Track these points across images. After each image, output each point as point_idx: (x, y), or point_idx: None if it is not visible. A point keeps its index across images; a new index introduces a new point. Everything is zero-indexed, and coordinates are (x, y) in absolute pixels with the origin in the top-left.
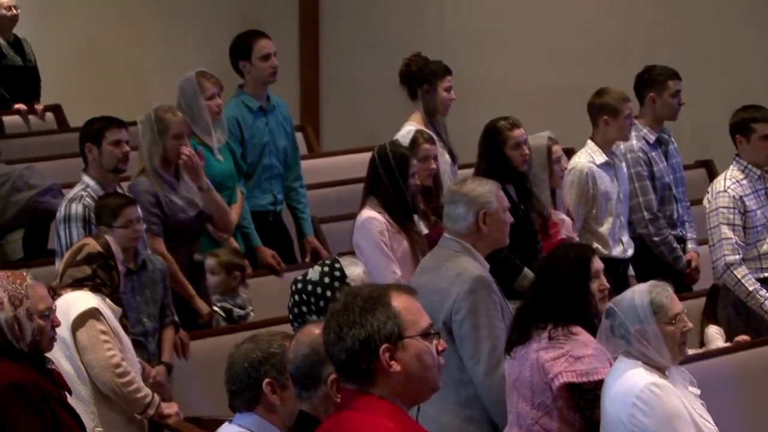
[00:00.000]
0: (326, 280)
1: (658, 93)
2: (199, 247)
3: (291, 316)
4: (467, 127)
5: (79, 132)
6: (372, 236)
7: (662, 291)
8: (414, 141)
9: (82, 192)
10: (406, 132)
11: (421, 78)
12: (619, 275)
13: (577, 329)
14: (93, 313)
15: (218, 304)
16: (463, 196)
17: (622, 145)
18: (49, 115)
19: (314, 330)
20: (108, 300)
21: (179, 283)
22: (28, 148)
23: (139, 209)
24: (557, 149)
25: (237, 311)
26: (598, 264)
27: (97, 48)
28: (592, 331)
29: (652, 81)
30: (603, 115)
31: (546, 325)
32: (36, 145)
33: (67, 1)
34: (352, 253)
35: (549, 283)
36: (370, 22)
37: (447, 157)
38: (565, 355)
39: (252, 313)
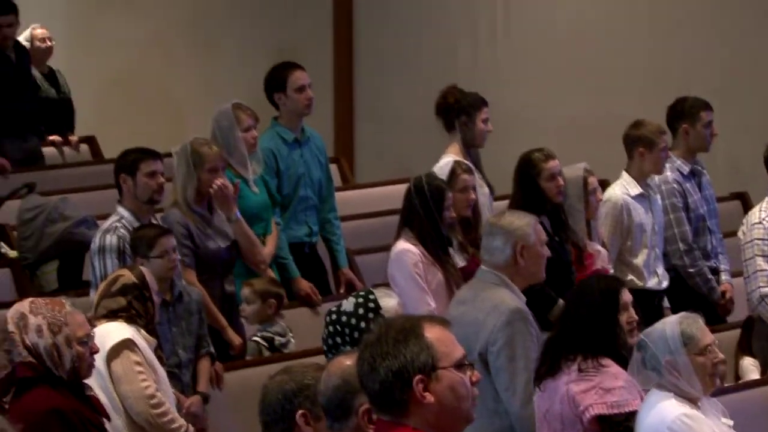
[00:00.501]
0: (360, 311)
1: (690, 124)
2: (232, 278)
3: (325, 347)
4: (502, 159)
5: (113, 163)
6: (406, 268)
7: (693, 322)
8: (452, 172)
9: (117, 223)
10: (444, 163)
11: (459, 110)
12: (654, 307)
13: (607, 361)
14: (127, 344)
15: (259, 334)
16: (500, 228)
17: (656, 177)
18: (84, 147)
19: (345, 361)
20: (143, 331)
21: (211, 314)
22: (63, 180)
23: (174, 239)
24: (593, 181)
25: (278, 339)
26: (627, 296)
27: (132, 79)
28: (621, 363)
29: (684, 112)
30: (638, 147)
31: (575, 357)
32: (70, 176)
33: (102, 33)
34: (386, 285)
35: (578, 314)
36: (404, 55)
37: (486, 188)
38: (596, 387)
39: (293, 340)
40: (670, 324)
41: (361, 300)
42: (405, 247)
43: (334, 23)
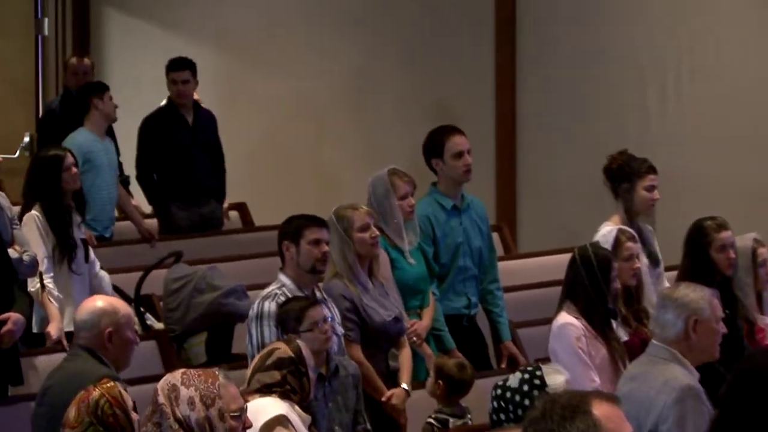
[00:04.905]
0: (525, 387)
1: None
2: (395, 354)
3: (491, 423)
4: (671, 227)
5: (265, 231)
6: (569, 343)
7: None
8: (617, 240)
9: (277, 290)
10: (606, 231)
11: (621, 176)
12: None
13: None
14: (281, 421)
15: (433, 415)
16: (674, 301)
17: None
18: (234, 214)
19: None
20: (297, 407)
21: (379, 391)
22: (212, 248)
23: (324, 309)
24: (763, 252)
25: (453, 421)
26: None
27: (283, 143)
28: None
29: None
30: None
31: None
32: (220, 244)
33: (252, 98)
34: (549, 359)
35: (748, 394)
36: (568, 121)
37: (645, 259)
38: None
39: (470, 423)
40: None
41: (527, 376)
42: (567, 320)
43: (496, 89)
